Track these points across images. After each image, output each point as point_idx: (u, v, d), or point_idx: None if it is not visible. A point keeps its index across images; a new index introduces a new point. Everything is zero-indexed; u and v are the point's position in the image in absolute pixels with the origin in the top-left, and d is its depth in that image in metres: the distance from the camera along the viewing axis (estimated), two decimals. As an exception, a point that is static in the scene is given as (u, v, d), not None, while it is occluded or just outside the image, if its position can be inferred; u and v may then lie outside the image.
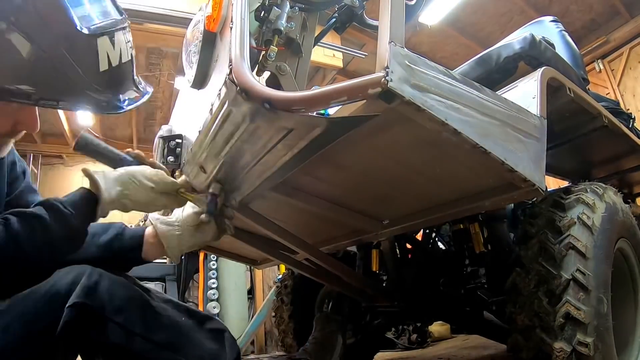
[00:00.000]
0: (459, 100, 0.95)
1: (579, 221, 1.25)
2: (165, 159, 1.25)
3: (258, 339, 4.56)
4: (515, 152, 1.07)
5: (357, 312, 2.25)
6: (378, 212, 1.55)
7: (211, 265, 4.42)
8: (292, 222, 1.64)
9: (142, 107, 7.81)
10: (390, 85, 0.78)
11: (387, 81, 0.78)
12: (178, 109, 1.56)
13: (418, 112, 0.85)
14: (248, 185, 1.20)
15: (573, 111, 1.60)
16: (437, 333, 3.70)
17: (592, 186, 1.41)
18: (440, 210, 1.39)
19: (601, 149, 2.05)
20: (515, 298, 1.25)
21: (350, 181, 1.33)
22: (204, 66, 1.18)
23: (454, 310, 1.89)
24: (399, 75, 0.81)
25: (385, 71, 0.79)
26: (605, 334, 1.18)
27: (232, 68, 0.89)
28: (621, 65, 6.77)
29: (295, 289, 2.54)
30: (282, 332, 2.55)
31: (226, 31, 1.05)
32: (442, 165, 1.16)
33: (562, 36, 2.31)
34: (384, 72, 0.79)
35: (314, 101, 0.82)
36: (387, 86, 0.77)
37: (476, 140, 0.95)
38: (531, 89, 1.31)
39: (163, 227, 1.19)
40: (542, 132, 1.20)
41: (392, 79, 0.79)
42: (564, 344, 1.12)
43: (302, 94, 0.83)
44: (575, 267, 1.17)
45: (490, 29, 6.95)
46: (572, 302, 1.13)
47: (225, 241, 1.72)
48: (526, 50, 1.51)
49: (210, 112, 1.02)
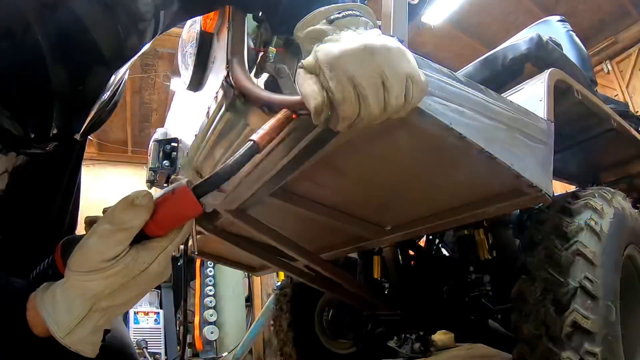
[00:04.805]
0: (463, 104, 0.94)
1: (587, 227, 1.23)
2: (161, 163, 1.23)
3: (256, 348, 4.54)
4: (522, 156, 1.06)
5: (358, 321, 2.23)
6: (380, 218, 1.53)
7: (208, 272, 4.41)
8: (292, 228, 1.62)
9: (137, 110, 7.84)
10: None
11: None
12: (174, 112, 1.54)
13: (421, 116, 0.84)
14: (246, 191, 1.18)
15: (581, 114, 1.60)
16: (441, 342, 3.67)
17: (600, 191, 1.39)
18: (444, 216, 1.37)
19: (609, 153, 2.04)
20: (521, 306, 1.23)
21: (351, 186, 1.31)
22: (200, 68, 1.16)
23: (458, 318, 1.87)
24: (401, 77, 0.78)
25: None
26: (614, 343, 1.16)
27: (230, 70, 0.87)
28: (630, 66, 6.76)
29: (295, 297, 2.50)
30: (281, 341, 2.51)
31: (223, 32, 1.03)
32: (446, 170, 1.14)
33: (569, 36, 2.30)
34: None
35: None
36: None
37: (482, 145, 0.94)
38: (538, 91, 1.31)
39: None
40: (549, 135, 1.20)
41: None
42: (572, 354, 1.10)
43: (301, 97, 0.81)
44: (583, 275, 1.15)
45: (495, 29, 6.93)
46: (580, 310, 1.12)
47: (222, 247, 1.70)
48: (533, 51, 1.51)
49: (207, 115, 1.00)
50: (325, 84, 0.66)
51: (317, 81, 0.67)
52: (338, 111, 0.67)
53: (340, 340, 2.45)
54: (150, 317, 4.32)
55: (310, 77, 0.68)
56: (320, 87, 0.66)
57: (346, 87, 0.65)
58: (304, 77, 0.68)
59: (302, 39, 0.80)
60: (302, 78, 0.69)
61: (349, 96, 0.65)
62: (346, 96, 0.65)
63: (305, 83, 0.68)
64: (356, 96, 0.65)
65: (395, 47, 0.68)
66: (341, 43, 0.68)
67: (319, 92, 0.66)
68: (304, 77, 0.68)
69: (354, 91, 0.65)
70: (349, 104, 0.65)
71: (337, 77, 0.65)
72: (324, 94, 0.66)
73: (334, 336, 2.45)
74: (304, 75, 0.69)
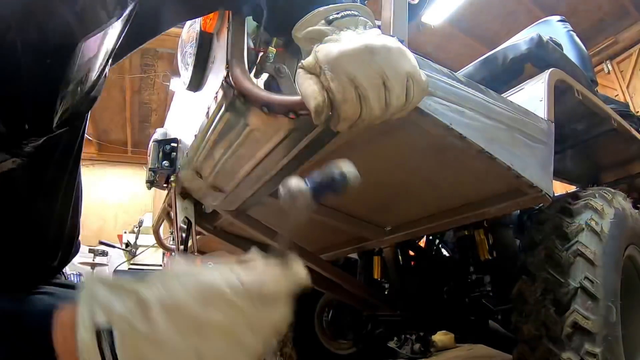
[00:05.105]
0: (463, 104, 0.94)
1: (587, 227, 1.23)
2: (160, 164, 1.22)
3: (256, 348, 4.52)
4: (522, 157, 1.05)
5: (358, 321, 2.23)
6: (380, 218, 1.53)
7: (208, 272, 4.38)
8: (292, 228, 1.61)
9: (137, 110, 7.83)
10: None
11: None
12: (173, 112, 1.54)
13: (422, 116, 0.84)
14: (246, 191, 1.18)
15: (581, 114, 1.60)
16: (441, 342, 3.65)
17: (601, 191, 1.39)
18: (444, 216, 1.37)
19: (610, 153, 2.04)
20: (521, 307, 1.23)
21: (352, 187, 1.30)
22: (200, 68, 1.15)
23: (458, 319, 1.86)
24: (401, 77, 0.78)
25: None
26: (614, 343, 1.16)
27: (229, 70, 0.87)
28: (630, 66, 6.75)
29: (294, 297, 2.50)
30: (280, 342, 2.50)
31: (223, 32, 1.03)
32: (446, 170, 1.14)
33: (569, 36, 2.29)
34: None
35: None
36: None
37: (482, 145, 0.94)
38: (538, 91, 1.31)
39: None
40: (549, 136, 1.19)
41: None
42: (572, 354, 1.10)
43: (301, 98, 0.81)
44: (584, 275, 1.15)
45: (495, 29, 6.93)
46: (580, 311, 1.12)
47: (222, 248, 1.69)
48: (533, 51, 1.50)
49: (207, 116, 1.00)
50: (325, 84, 0.65)
51: (317, 81, 0.66)
52: (339, 112, 0.66)
53: (340, 340, 2.44)
54: (150, 317, 4.30)
55: (310, 77, 0.67)
56: (321, 87, 0.66)
57: (347, 88, 0.64)
58: (304, 77, 0.68)
59: (301, 40, 0.80)
60: (302, 78, 0.68)
61: (350, 97, 0.64)
62: (347, 97, 0.64)
63: (306, 83, 0.67)
64: (357, 96, 0.65)
65: (395, 46, 0.67)
66: (341, 43, 0.67)
67: (319, 92, 0.65)
68: (304, 78, 0.68)
69: (355, 92, 0.64)
70: (350, 104, 0.65)
71: (338, 77, 0.64)
72: (325, 94, 0.65)
73: (334, 336, 2.44)
74: (303, 76, 0.68)
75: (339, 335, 2.42)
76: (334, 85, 0.65)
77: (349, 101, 0.65)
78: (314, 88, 0.66)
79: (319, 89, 0.66)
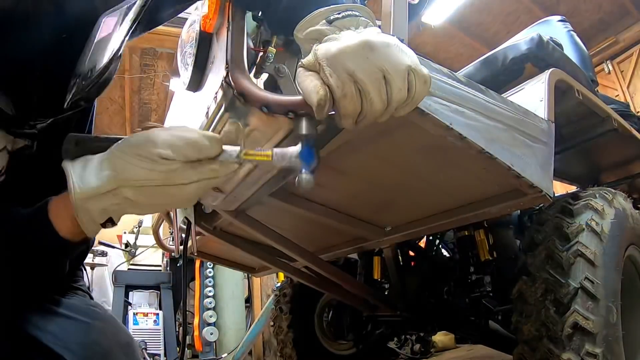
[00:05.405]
0: (463, 104, 0.94)
1: (588, 228, 1.23)
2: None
3: (256, 349, 4.53)
4: (522, 157, 1.05)
5: (358, 322, 2.23)
6: (380, 218, 1.53)
7: (207, 273, 4.38)
8: (291, 229, 1.61)
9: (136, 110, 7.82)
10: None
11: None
12: (173, 112, 1.54)
13: (421, 116, 0.84)
14: (245, 191, 1.17)
15: (581, 114, 1.60)
16: (441, 343, 3.66)
17: (601, 191, 1.39)
18: (444, 217, 1.36)
19: (610, 153, 2.05)
20: (521, 307, 1.23)
21: (351, 187, 1.31)
22: (199, 68, 1.15)
23: (458, 319, 1.87)
24: (401, 77, 0.78)
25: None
26: (615, 344, 1.16)
27: (229, 70, 0.87)
28: (631, 66, 6.73)
29: (295, 298, 2.50)
30: (280, 342, 2.51)
31: (223, 32, 1.02)
32: (446, 171, 1.14)
33: (570, 36, 2.30)
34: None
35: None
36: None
37: (482, 145, 0.94)
38: (538, 91, 1.30)
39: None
40: (549, 136, 1.19)
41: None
42: (572, 355, 1.10)
43: (301, 97, 0.81)
44: (584, 275, 1.15)
45: (496, 29, 6.93)
46: (581, 311, 1.12)
47: (221, 248, 1.70)
48: (533, 51, 1.50)
49: (206, 116, 1.00)
50: (325, 80, 0.65)
51: (317, 77, 0.66)
52: (339, 107, 0.66)
53: (340, 341, 2.45)
54: (149, 318, 4.29)
55: (310, 73, 0.67)
56: (322, 82, 0.66)
57: (346, 83, 0.64)
58: (304, 74, 0.68)
59: (302, 40, 0.80)
60: (302, 76, 0.68)
61: (349, 92, 0.64)
62: (347, 92, 0.64)
63: (307, 79, 0.67)
64: (357, 92, 0.64)
65: (394, 42, 0.67)
66: (340, 41, 0.67)
67: (320, 86, 0.65)
68: (304, 75, 0.68)
69: (355, 86, 0.64)
70: (350, 100, 0.65)
71: (337, 73, 0.64)
72: (326, 88, 0.65)
73: (334, 337, 2.45)
74: (304, 73, 0.68)
75: (339, 335, 2.43)
76: (333, 80, 0.64)
77: (349, 96, 0.64)
78: (315, 83, 0.66)
79: (320, 84, 0.66)
